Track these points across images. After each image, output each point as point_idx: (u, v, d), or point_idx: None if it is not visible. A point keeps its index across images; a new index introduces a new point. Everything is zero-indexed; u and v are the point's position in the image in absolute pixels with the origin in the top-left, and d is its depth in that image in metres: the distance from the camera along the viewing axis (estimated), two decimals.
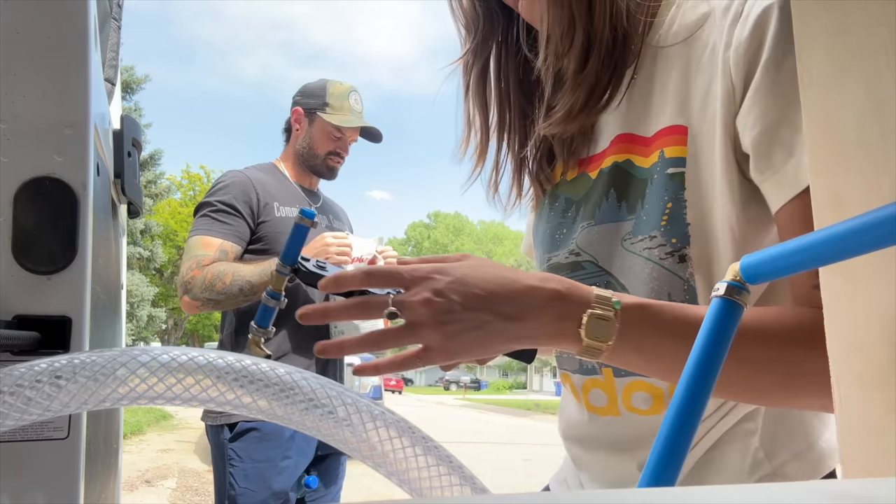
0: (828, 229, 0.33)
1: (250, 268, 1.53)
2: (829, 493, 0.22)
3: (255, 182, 1.68)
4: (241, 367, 0.42)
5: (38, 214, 0.68)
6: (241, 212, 1.63)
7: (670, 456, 0.47)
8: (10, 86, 0.68)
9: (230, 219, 1.61)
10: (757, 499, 0.22)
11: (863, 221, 0.31)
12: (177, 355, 0.41)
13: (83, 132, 0.70)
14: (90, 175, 0.71)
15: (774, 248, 0.38)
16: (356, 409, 0.42)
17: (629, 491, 0.24)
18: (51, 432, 0.68)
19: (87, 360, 0.40)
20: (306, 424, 0.42)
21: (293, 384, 0.42)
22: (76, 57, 0.70)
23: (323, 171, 1.81)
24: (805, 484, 0.23)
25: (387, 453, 0.41)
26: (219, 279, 1.50)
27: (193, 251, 1.57)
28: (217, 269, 1.51)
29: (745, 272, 0.42)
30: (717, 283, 0.42)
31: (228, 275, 1.51)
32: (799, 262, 0.37)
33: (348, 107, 1.76)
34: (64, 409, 0.40)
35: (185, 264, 1.56)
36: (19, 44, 0.68)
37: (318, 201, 1.85)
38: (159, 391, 0.41)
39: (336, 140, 1.77)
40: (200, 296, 1.51)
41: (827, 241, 0.33)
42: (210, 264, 1.53)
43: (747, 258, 0.41)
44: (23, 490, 0.66)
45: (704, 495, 0.22)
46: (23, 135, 0.68)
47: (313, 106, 1.77)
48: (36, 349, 0.66)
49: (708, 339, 0.45)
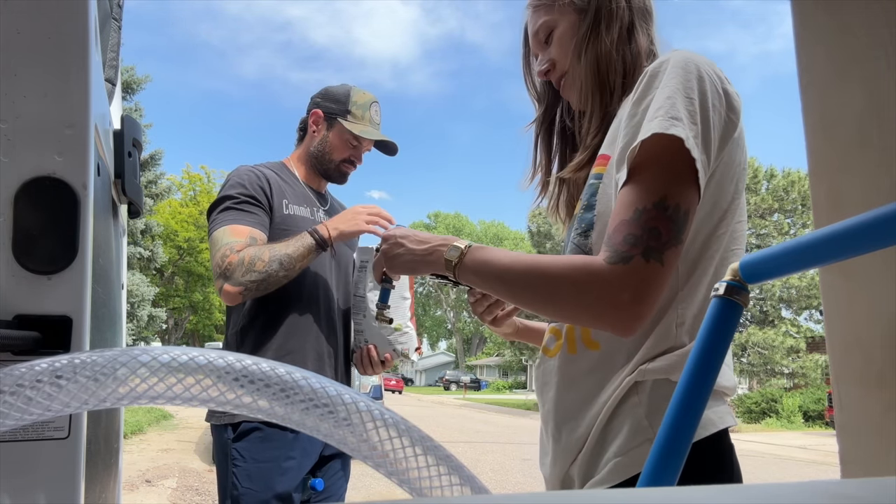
0: (828, 229, 0.33)
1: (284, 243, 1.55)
2: (829, 493, 0.22)
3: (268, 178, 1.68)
4: (241, 367, 0.42)
5: (39, 214, 0.68)
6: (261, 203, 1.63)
7: (670, 455, 0.47)
8: (10, 86, 0.68)
9: (255, 209, 1.61)
10: (757, 499, 0.22)
11: (863, 221, 0.31)
12: (177, 355, 0.41)
13: (84, 132, 0.70)
14: (90, 175, 0.71)
15: (774, 248, 0.38)
16: (356, 409, 0.42)
17: (629, 491, 0.24)
18: (51, 432, 0.68)
19: (88, 359, 0.40)
20: (306, 424, 0.42)
21: (293, 384, 0.42)
22: (77, 57, 0.70)
23: (335, 176, 1.81)
24: (805, 484, 0.23)
25: (387, 453, 0.41)
26: (258, 258, 1.50)
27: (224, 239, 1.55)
28: (252, 252, 1.51)
29: (744, 272, 0.42)
30: (717, 283, 0.42)
31: (266, 252, 1.51)
32: (798, 261, 0.37)
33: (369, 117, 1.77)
34: (64, 409, 0.40)
35: (219, 253, 1.53)
36: (20, 44, 0.68)
37: (327, 203, 1.85)
38: (160, 391, 0.41)
39: (352, 148, 1.77)
40: (242, 279, 1.50)
41: (827, 241, 0.33)
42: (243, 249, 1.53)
43: (747, 258, 0.41)
44: (23, 489, 0.66)
45: (704, 495, 0.22)
46: (23, 135, 0.68)
47: (335, 111, 1.76)
48: (36, 349, 0.66)
49: (708, 338, 0.45)
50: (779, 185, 21.90)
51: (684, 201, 0.74)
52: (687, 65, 0.79)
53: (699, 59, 0.81)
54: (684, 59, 0.80)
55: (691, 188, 0.75)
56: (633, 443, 0.81)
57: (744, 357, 20.04)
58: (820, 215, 0.53)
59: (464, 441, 10.83)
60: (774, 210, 22.20)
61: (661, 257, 0.73)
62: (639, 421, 0.81)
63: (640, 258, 0.73)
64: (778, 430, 16.22)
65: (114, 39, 1.14)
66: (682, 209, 0.74)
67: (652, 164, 0.75)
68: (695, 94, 0.77)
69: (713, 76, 0.80)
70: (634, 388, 0.83)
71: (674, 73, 0.79)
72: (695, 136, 0.75)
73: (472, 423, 15.62)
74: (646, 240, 0.73)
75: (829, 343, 0.49)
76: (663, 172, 0.75)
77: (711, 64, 0.82)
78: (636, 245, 0.73)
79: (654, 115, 0.77)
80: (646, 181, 0.75)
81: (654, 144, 0.75)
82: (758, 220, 22.10)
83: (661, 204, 0.74)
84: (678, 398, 0.47)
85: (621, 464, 0.81)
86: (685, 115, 0.75)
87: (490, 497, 0.22)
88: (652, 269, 0.73)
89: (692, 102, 0.76)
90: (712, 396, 0.78)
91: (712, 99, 0.79)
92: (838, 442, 0.63)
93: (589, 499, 0.22)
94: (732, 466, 0.83)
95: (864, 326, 0.41)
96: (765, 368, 19.75)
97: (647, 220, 0.74)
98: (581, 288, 0.76)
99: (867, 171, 0.39)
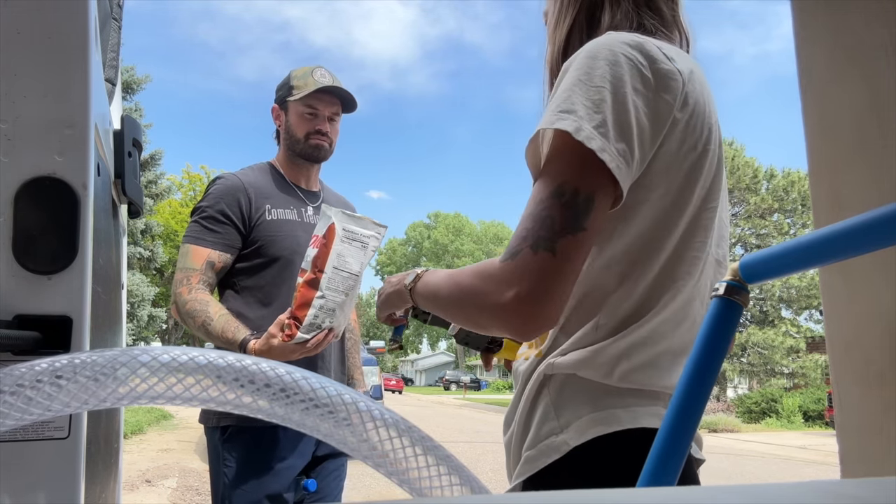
0: (828, 229, 0.33)
1: (218, 325, 1.55)
2: (830, 493, 0.22)
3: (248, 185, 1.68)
4: (241, 367, 0.42)
5: (39, 214, 0.68)
6: (231, 219, 1.64)
7: (670, 455, 0.47)
8: (10, 86, 0.68)
9: (219, 227, 1.64)
10: (757, 499, 0.22)
11: (863, 221, 0.31)
12: (177, 355, 0.42)
13: (84, 132, 0.70)
14: (91, 175, 0.71)
15: (774, 248, 0.38)
16: (356, 409, 0.42)
17: (629, 491, 0.24)
18: (51, 432, 0.68)
19: (88, 359, 0.40)
20: (306, 424, 0.42)
21: (293, 384, 0.42)
22: (77, 57, 0.70)
23: (311, 154, 1.79)
24: (805, 484, 0.23)
25: (387, 453, 0.41)
26: (191, 317, 1.58)
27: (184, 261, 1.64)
28: (193, 308, 1.58)
29: (744, 272, 0.42)
30: (717, 283, 0.42)
31: (200, 317, 1.58)
32: (798, 261, 0.37)
33: (312, 82, 1.76)
34: (65, 409, 0.40)
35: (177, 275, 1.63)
36: (20, 44, 0.68)
37: (317, 200, 1.84)
38: (160, 391, 0.41)
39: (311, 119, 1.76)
40: (179, 315, 1.62)
41: (827, 241, 0.33)
42: (197, 285, 1.60)
43: (746, 258, 0.41)
44: (23, 489, 0.66)
45: (704, 495, 0.22)
46: (23, 135, 0.68)
47: (283, 96, 1.79)
48: (36, 349, 0.66)
49: (707, 337, 0.45)
50: (779, 185, 21.91)
51: (585, 186, 0.68)
52: (598, 51, 0.74)
53: (616, 43, 0.76)
54: (597, 45, 0.75)
55: (596, 173, 0.69)
56: (540, 436, 0.79)
57: (744, 357, 20.04)
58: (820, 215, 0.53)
59: (464, 441, 10.83)
60: (774, 210, 22.20)
61: (553, 246, 0.67)
62: (547, 414, 0.80)
63: (527, 250, 0.67)
64: (778, 430, 16.22)
65: (114, 39, 1.14)
66: (583, 195, 0.68)
67: (552, 157, 0.72)
68: (604, 80, 0.72)
69: (635, 58, 0.75)
70: (545, 382, 0.82)
71: (579, 64, 0.74)
72: (597, 124, 0.69)
73: (472, 423, 15.62)
74: (536, 230, 0.68)
75: (829, 343, 0.49)
76: (562, 163, 0.70)
77: (639, 44, 0.76)
78: (526, 238, 0.68)
79: (548, 109, 0.73)
80: (546, 173, 0.71)
81: (551, 140, 0.72)
82: (758, 220, 22.10)
83: (557, 191, 0.69)
84: (678, 398, 0.47)
85: (531, 457, 0.79)
86: (582, 106, 0.70)
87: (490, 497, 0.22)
88: (540, 260, 0.67)
89: (598, 91, 0.71)
90: (640, 395, 0.77)
91: (632, 82, 0.73)
92: (838, 442, 0.63)
93: (589, 498, 0.22)
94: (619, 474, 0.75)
95: (864, 326, 0.41)
96: (765, 368, 19.76)
97: (542, 209, 0.69)
98: (478, 292, 0.72)
99: (867, 171, 0.39)
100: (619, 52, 0.74)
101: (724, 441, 12.71)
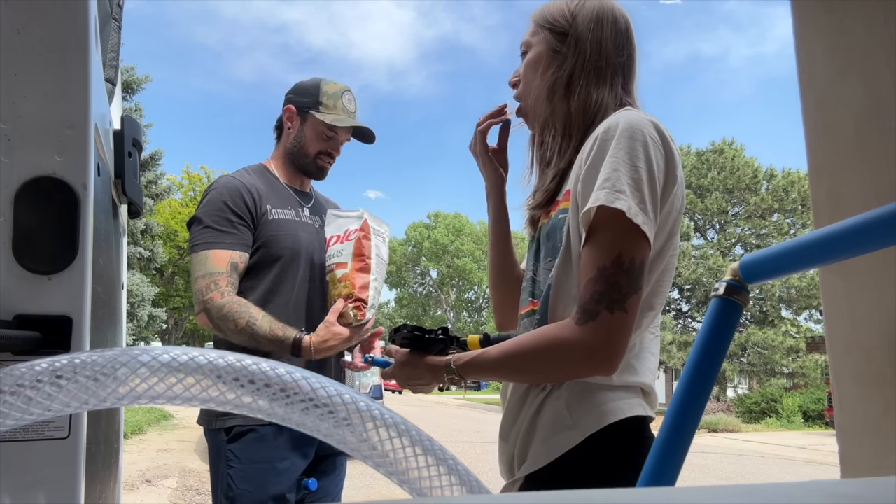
0: (828, 229, 0.33)
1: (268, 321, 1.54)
2: (830, 493, 0.22)
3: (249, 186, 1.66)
4: (241, 367, 0.42)
5: (39, 214, 0.68)
6: (243, 219, 1.62)
7: (670, 455, 0.47)
8: (10, 86, 0.68)
9: (234, 227, 1.60)
10: (757, 499, 0.22)
11: (863, 221, 0.31)
12: (177, 355, 0.42)
13: (84, 132, 0.70)
14: (91, 175, 0.71)
15: (774, 248, 0.38)
16: (356, 409, 0.42)
17: (629, 491, 0.24)
18: (51, 432, 0.68)
19: (88, 359, 0.40)
20: (306, 424, 0.42)
21: (293, 384, 0.42)
22: (77, 57, 0.70)
23: (312, 171, 1.79)
24: (805, 484, 0.23)
25: (387, 453, 0.41)
26: (231, 320, 1.52)
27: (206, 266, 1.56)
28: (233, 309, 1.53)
29: (744, 272, 0.42)
30: (717, 283, 0.42)
31: (244, 318, 1.53)
32: (798, 261, 0.37)
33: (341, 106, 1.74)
34: (65, 409, 0.40)
35: (202, 281, 1.55)
36: (20, 44, 0.68)
37: (310, 201, 1.83)
38: (160, 391, 0.41)
39: (328, 140, 1.75)
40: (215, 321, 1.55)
41: (827, 241, 0.33)
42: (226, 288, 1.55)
43: (746, 258, 0.41)
44: (23, 489, 0.66)
45: (703, 495, 0.22)
46: (23, 135, 0.68)
47: (306, 104, 1.74)
48: (36, 349, 0.66)
49: (707, 337, 0.45)
50: (779, 185, 21.90)
51: (638, 254, 0.87)
52: (634, 133, 0.90)
53: (644, 124, 0.91)
54: (631, 126, 0.90)
55: (642, 242, 0.87)
56: (553, 431, 0.94)
57: (744, 357, 20.04)
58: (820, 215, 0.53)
59: (464, 441, 10.82)
60: (774, 210, 22.20)
61: (624, 306, 0.86)
62: (559, 412, 0.95)
63: (605, 312, 0.86)
64: (778, 430, 16.22)
65: (114, 39, 1.14)
66: (637, 261, 0.87)
67: (604, 228, 0.88)
68: (641, 161, 0.88)
69: (656, 138, 0.91)
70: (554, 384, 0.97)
71: (621, 144, 0.89)
72: (639, 201, 0.87)
73: (472, 423, 15.61)
74: (609, 294, 0.86)
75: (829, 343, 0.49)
76: (615, 234, 0.87)
77: (656, 123, 0.93)
78: (600, 301, 0.86)
79: (601, 185, 0.89)
80: (602, 243, 0.88)
81: (603, 213, 0.87)
82: (758, 220, 22.10)
83: (618, 260, 0.86)
84: (678, 398, 0.47)
85: (542, 450, 0.94)
86: (628, 186, 0.87)
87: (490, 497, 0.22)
88: (617, 319, 0.85)
89: (637, 171, 0.88)
90: (625, 389, 0.95)
91: (657, 160, 0.90)
92: (838, 442, 0.63)
93: (589, 499, 0.22)
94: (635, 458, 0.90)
95: (864, 326, 0.41)
96: (765, 368, 19.75)
97: (608, 276, 0.86)
98: (563, 355, 0.89)
99: (867, 171, 0.39)
100: (646, 132, 0.90)
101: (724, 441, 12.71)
